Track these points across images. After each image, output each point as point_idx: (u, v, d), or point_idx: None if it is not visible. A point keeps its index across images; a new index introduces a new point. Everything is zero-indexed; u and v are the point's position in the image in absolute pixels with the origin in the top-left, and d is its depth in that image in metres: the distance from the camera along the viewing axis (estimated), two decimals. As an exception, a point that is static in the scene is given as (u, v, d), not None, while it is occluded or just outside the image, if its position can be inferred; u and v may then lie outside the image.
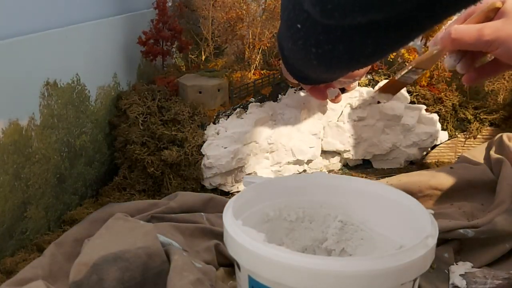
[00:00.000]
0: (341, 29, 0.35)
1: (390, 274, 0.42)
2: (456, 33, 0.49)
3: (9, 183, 0.73)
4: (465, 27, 0.49)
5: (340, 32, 0.36)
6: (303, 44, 0.39)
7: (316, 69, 0.45)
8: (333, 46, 0.37)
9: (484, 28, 0.48)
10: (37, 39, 0.79)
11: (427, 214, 0.50)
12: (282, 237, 0.61)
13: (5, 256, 0.74)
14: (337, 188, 0.61)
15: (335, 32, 0.36)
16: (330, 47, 0.37)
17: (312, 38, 0.38)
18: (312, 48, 0.39)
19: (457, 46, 0.50)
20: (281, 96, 1.10)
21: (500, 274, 0.64)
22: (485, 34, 0.47)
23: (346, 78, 0.55)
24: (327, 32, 0.36)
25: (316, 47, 0.38)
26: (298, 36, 0.39)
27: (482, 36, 0.48)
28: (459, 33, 0.49)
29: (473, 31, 0.48)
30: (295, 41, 0.40)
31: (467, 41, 0.49)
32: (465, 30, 0.49)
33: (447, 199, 0.85)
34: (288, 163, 1.04)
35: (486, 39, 0.48)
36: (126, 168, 1.00)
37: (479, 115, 1.13)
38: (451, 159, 1.13)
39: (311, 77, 0.48)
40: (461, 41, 0.49)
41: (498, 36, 0.47)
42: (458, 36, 0.49)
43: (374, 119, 1.10)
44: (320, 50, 0.38)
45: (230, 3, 1.12)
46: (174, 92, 1.06)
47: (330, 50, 0.38)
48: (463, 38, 0.49)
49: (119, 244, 0.58)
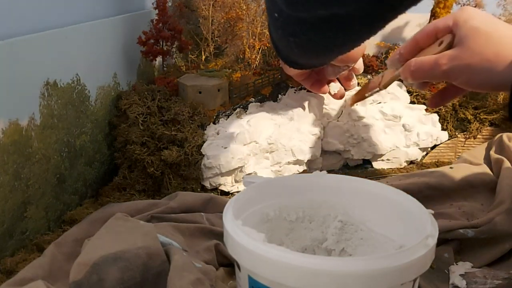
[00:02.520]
0: (311, 21, 0.37)
1: (390, 274, 0.42)
2: (416, 66, 0.50)
3: (9, 183, 0.73)
4: (423, 60, 0.50)
5: (310, 24, 0.37)
6: (282, 33, 0.41)
7: (299, 56, 0.46)
8: (308, 36, 0.39)
9: (440, 59, 0.48)
10: (37, 39, 0.79)
11: (427, 214, 0.50)
12: (282, 237, 0.61)
13: (5, 256, 0.74)
14: (337, 188, 0.61)
15: (306, 24, 0.37)
16: (306, 37, 0.39)
17: (289, 28, 0.39)
18: (290, 37, 0.40)
19: (417, 78, 0.52)
20: (281, 96, 1.10)
21: (500, 274, 0.64)
22: (442, 65, 0.48)
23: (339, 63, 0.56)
24: (300, 23, 0.38)
25: (293, 36, 0.40)
26: (278, 25, 0.41)
27: (439, 67, 0.48)
28: (418, 66, 0.50)
29: (431, 63, 0.49)
30: (276, 29, 0.42)
31: (425, 73, 0.50)
32: (423, 63, 0.50)
33: (447, 199, 0.85)
34: (288, 163, 1.04)
35: (444, 70, 0.48)
36: (126, 168, 1.00)
37: (479, 115, 1.13)
38: (451, 159, 1.13)
39: (300, 62, 0.49)
40: (420, 74, 0.51)
41: (454, 67, 0.47)
42: (417, 69, 0.51)
43: (374, 119, 1.11)
44: (297, 39, 0.40)
45: (230, 3, 1.12)
46: (174, 92, 1.06)
47: (306, 39, 0.39)
48: (422, 70, 0.50)
49: (119, 244, 0.58)
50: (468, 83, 0.48)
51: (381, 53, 1.28)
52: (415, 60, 0.51)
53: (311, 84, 0.60)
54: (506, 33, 0.46)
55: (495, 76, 0.45)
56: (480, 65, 0.46)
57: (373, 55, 1.28)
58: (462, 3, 1.15)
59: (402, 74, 0.53)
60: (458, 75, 0.48)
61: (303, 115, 1.06)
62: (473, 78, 0.47)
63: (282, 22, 0.40)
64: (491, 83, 0.46)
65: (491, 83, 0.46)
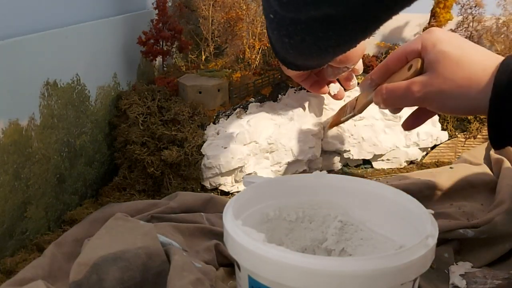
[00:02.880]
0: (304, 21, 0.37)
1: (390, 274, 0.42)
2: (387, 93, 0.50)
3: (9, 183, 0.73)
4: (394, 86, 0.50)
5: (304, 25, 0.37)
6: (278, 34, 0.41)
7: (295, 57, 0.46)
8: (302, 37, 0.39)
9: (412, 85, 0.48)
10: (37, 39, 0.79)
11: (427, 214, 0.50)
12: (282, 237, 0.61)
13: (5, 256, 0.74)
14: (337, 188, 0.61)
15: (300, 24, 0.37)
16: (299, 38, 0.39)
17: (283, 29, 0.39)
18: (285, 38, 0.40)
19: (390, 105, 0.52)
20: (281, 96, 1.10)
21: (500, 274, 0.64)
22: (415, 92, 0.48)
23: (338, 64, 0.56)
24: (293, 24, 0.38)
25: (288, 37, 0.40)
26: (273, 26, 0.41)
27: (412, 94, 0.48)
28: (390, 93, 0.50)
29: (403, 89, 0.49)
30: (272, 31, 0.42)
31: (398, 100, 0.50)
32: (395, 89, 0.50)
33: (447, 199, 0.85)
34: (288, 163, 1.04)
35: (417, 97, 0.48)
36: (126, 168, 1.00)
37: (479, 115, 1.13)
38: (451, 159, 1.13)
39: (297, 63, 0.49)
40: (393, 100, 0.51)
41: (427, 93, 0.47)
42: (389, 96, 0.51)
43: (374, 119, 1.11)
44: (292, 41, 0.40)
45: (230, 3, 1.12)
46: (174, 92, 1.06)
47: (300, 41, 0.39)
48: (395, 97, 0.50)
49: (119, 244, 0.58)
50: (443, 108, 0.48)
51: (381, 53, 1.28)
52: (386, 86, 0.51)
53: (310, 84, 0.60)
54: (475, 55, 0.46)
55: (469, 101, 0.45)
56: (453, 91, 0.45)
57: (373, 55, 1.28)
58: (462, 3, 1.15)
59: (375, 100, 0.53)
60: (431, 101, 0.48)
61: (303, 115, 1.06)
62: (446, 104, 0.47)
63: (277, 23, 0.40)
64: (465, 108, 0.46)
65: (465, 108, 0.46)
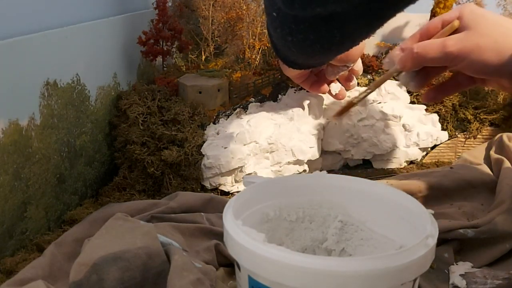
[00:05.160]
0: (307, 19, 0.37)
1: (390, 274, 0.42)
2: (420, 48, 0.48)
3: (9, 183, 0.73)
4: (428, 42, 0.48)
5: (308, 23, 0.37)
6: (280, 32, 0.41)
7: (297, 56, 0.46)
8: (305, 36, 0.39)
9: (447, 41, 0.47)
10: (37, 39, 0.79)
11: (427, 214, 0.50)
12: (282, 237, 0.61)
13: (5, 256, 0.74)
14: (337, 188, 0.61)
15: (304, 23, 0.37)
16: (302, 36, 0.39)
17: (286, 27, 0.39)
18: (287, 36, 0.40)
19: (420, 62, 0.49)
20: (281, 96, 1.10)
21: (500, 274, 0.64)
22: (449, 46, 0.47)
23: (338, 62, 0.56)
24: (297, 22, 0.38)
25: (290, 35, 0.40)
26: (276, 25, 0.41)
27: (446, 48, 0.47)
28: (422, 47, 0.48)
29: (437, 44, 0.47)
30: (275, 29, 0.42)
31: (430, 55, 0.48)
32: (428, 44, 0.48)
33: (447, 199, 0.85)
34: (288, 163, 1.04)
35: (450, 51, 0.47)
36: (126, 168, 1.00)
37: (479, 115, 1.13)
38: (451, 159, 1.13)
39: (298, 62, 0.49)
40: (424, 56, 0.48)
41: (462, 47, 0.46)
42: (421, 50, 0.48)
43: (374, 119, 1.10)
44: (295, 39, 0.40)
45: (230, 3, 1.12)
46: (174, 92, 1.06)
47: (302, 39, 0.39)
48: (427, 53, 0.48)
49: (119, 244, 0.58)
50: (472, 65, 0.47)
51: (381, 53, 1.28)
52: (417, 44, 0.49)
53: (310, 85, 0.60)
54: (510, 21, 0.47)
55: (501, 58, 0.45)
56: (488, 46, 0.45)
57: (373, 55, 1.28)
58: (462, 3, 1.15)
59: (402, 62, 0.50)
60: (464, 57, 0.46)
61: (303, 115, 1.06)
62: (479, 59, 0.46)
63: (280, 21, 0.40)
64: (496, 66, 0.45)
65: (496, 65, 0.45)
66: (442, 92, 0.55)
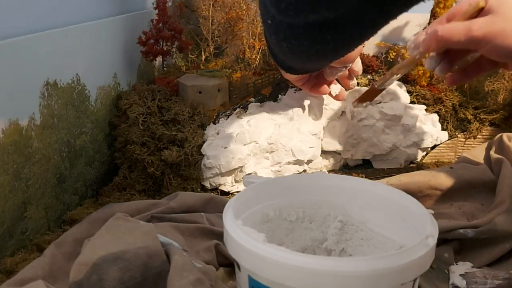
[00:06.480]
0: (301, 26, 0.37)
1: (390, 274, 0.42)
2: (444, 31, 0.48)
3: (9, 183, 0.73)
4: (453, 24, 0.49)
5: (301, 30, 0.37)
6: (275, 38, 0.41)
7: (293, 61, 0.46)
8: (299, 42, 0.39)
9: (472, 25, 0.47)
10: (37, 39, 0.79)
11: (427, 214, 0.50)
12: (282, 237, 0.61)
13: (5, 256, 0.74)
14: (337, 188, 0.61)
15: (298, 29, 0.38)
16: (297, 42, 0.39)
17: (281, 34, 0.40)
18: (283, 43, 0.41)
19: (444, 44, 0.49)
20: (281, 96, 1.10)
21: (500, 274, 0.64)
22: (474, 29, 0.47)
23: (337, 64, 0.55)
24: (291, 28, 0.38)
25: (286, 42, 0.40)
26: (271, 31, 0.41)
27: (471, 31, 0.47)
28: (447, 30, 0.48)
29: (461, 28, 0.48)
30: (270, 35, 0.42)
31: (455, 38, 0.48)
32: (452, 27, 0.48)
33: (447, 199, 0.85)
34: (288, 163, 1.04)
35: (475, 35, 0.47)
36: (126, 168, 1.00)
37: (479, 115, 1.13)
38: (451, 159, 1.13)
39: (295, 67, 0.49)
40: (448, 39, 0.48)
41: (487, 32, 0.47)
42: (446, 33, 0.48)
43: (374, 119, 1.10)
44: (290, 45, 0.40)
45: (230, 3, 1.12)
46: (174, 92, 1.06)
47: (297, 45, 0.40)
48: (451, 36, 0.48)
49: (119, 244, 0.58)
50: (496, 49, 0.47)
51: (381, 53, 1.28)
52: (442, 26, 0.50)
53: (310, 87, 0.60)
54: None
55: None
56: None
57: (373, 55, 1.28)
58: (462, 3, 1.15)
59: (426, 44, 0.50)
60: (488, 41, 0.46)
61: (303, 115, 1.06)
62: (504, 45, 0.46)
63: (275, 28, 0.40)
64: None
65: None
66: (465, 75, 0.56)
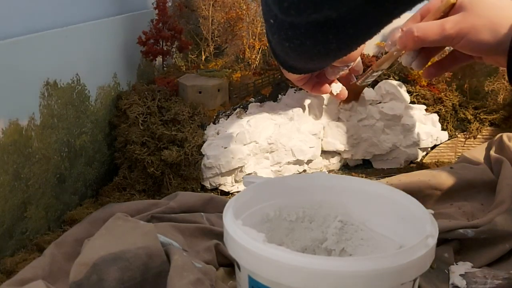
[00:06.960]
0: (303, 26, 0.37)
1: (390, 274, 0.42)
2: (419, 31, 0.50)
3: (9, 183, 0.73)
4: (427, 24, 0.50)
5: (304, 29, 0.38)
6: (278, 38, 0.42)
7: (295, 61, 0.47)
8: (301, 41, 0.39)
9: (446, 23, 0.49)
10: (37, 39, 0.79)
11: (427, 214, 0.50)
12: (282, 237, 0.61)
13: (5, 256, 0.74)
14: (337, 188, 0.61)
15: (300, 29, 0.38)
16: (299, 42, 0.40)
17: (283, 33, 0.40)
18: (285, 42, 0.41)
19: (420, 44, 0.51)
20: (281, 96, 1.10)
21: (500, 274, 0.64)
22: (447, 28, 0.49)
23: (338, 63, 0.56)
24: (293, 28, 0.38)
25: (288, 41, 0.40)
26: (273, 31, 0.41)
27: (445, 30, 0.49)
28: (422, 31, 0.50)
29: (436, 27, 0.50)
30: (273, 34, 0.43)
31: (430, 38, 0.50)
32: (427, 27, 0.50)
33: (447, 199, 0.85)
34: (288, 163, 1.04)
35: (449, 33, 0.49)
36: (126, 168, 1.00)
37: (479, 115, 1.13)
38: (451, 159, 1.13)
39: (297, 67, 0.49)
40: (424, 39, 0.51)
41: (460, 29, 0.49)
42: (421, 34, 0.51)
43: (374, 119, 1.10)
44: (292, 45, 0.40)
45: (230, 3, 1.12)
46: (174, 92, 1.06)
47: (299, 44, 0.40)
48: (427, 36, 0.50)
49: (119, 244, 0.58)
50: (469, 44, 0.49)
51: (381, 53, 1.28)
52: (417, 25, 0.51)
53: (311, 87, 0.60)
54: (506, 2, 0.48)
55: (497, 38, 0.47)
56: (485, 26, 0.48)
57: (373, 55, 1.28)
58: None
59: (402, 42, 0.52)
60: (461, 37, 0.49)
61: (303, 115, 1.06)
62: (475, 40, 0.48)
63: (277, 27, 0.40)
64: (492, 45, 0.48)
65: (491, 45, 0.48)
66: (441, 68, 0.57)
